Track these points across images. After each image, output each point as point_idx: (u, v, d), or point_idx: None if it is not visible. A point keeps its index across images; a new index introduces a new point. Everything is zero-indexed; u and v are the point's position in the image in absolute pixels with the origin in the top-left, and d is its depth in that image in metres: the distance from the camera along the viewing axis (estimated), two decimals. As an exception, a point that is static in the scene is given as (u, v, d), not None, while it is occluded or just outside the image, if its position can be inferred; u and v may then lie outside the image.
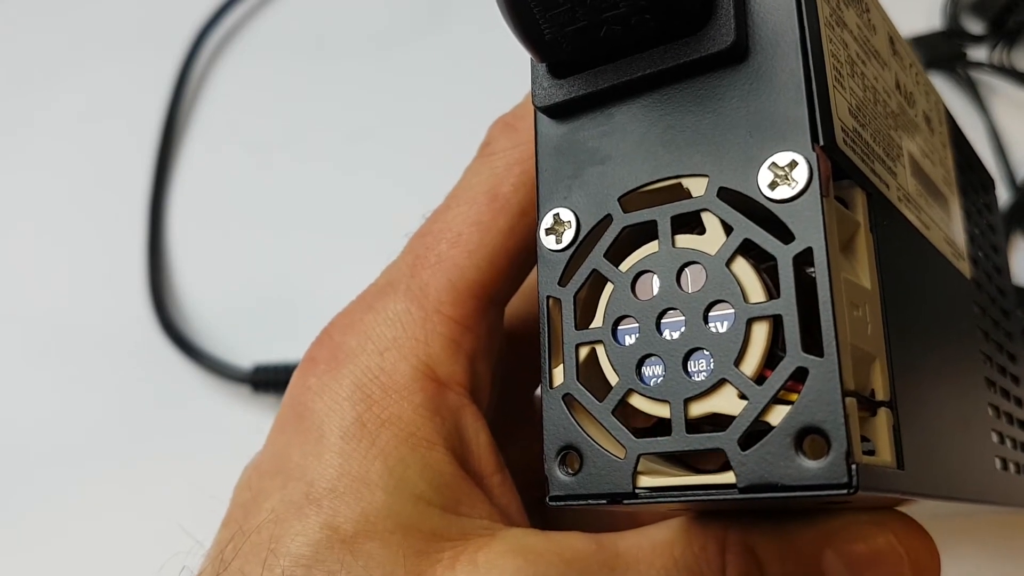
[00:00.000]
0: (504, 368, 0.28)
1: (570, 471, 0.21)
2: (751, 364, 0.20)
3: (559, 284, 0.23)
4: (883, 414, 0.20)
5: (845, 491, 0.18)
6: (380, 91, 0.58)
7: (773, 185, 0.20)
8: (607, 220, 0.22)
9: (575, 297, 0.22)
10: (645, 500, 0.21)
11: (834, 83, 0.21)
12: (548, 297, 0.23)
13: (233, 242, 0.55)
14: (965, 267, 0.29)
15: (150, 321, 0.53)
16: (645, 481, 0.21)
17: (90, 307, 0.54)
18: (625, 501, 0.21)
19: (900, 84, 0.26)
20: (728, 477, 0.20)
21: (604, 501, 0.21)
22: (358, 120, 0.56)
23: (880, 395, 0.21)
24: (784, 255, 0.20)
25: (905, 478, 0.20)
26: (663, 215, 0.22)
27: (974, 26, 0.61)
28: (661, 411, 0.21)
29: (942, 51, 0.59)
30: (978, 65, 0.60)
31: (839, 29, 0.22)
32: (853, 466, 0.18)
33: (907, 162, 0.25)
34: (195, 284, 0.55)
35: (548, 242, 0.23)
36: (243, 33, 0.63)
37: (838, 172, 0.21)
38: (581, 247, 0.23)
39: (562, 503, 0.21)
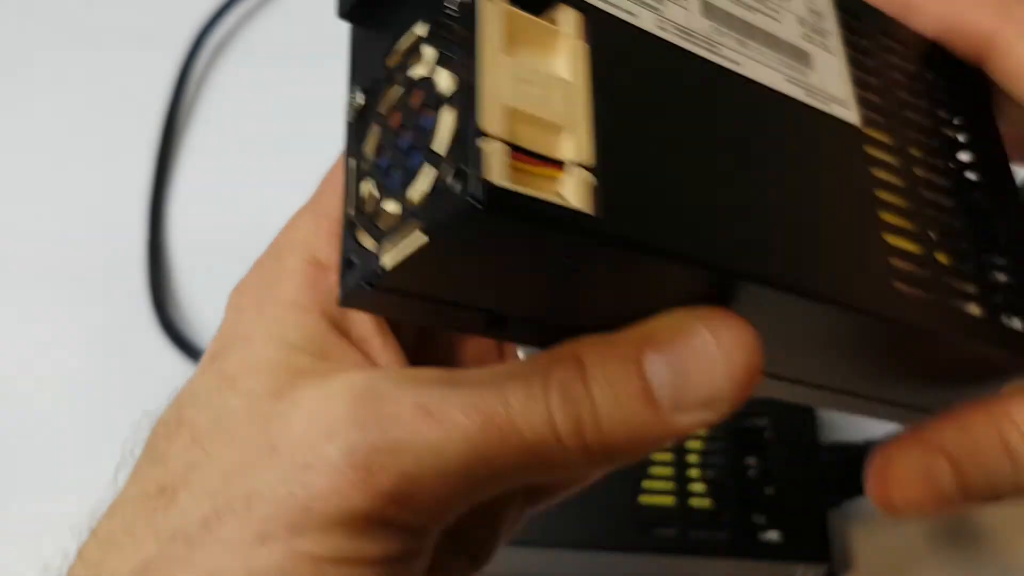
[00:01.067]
0: None
1: (348, 275, 0.23)
2: (441, 142, 0.20)
3: (354, 143, 0.24)
4: (577, 173, 0.20)
5: (477, 207, 0.18)
6: None
7: None
8: (378, 85, 0.24)
9: (361, 149, 0.24)
10: (392, 275, 0.21)
11: None
12: (347, 157, 0.24)
13: (234, 243, 0.56)
14: (847, 112, 0.27)
15: (150, 321, 0.53)
16: (388, 260, 0.21)
17: (91, 307, 0.55)
18: (377, 280, 0.21)
19: None
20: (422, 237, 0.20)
21: (367, 286, 0.22)
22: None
23: (571, 156, 0.20)
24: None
25: (611, 223, 0.20)
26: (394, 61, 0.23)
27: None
28: (397, 208, 0.21)
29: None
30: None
31: None
32: (482, 182, 0.18)
33: (697, 5, 0.25)
34: (195, 284, 0.55)
35: (350, 117, 0.25)
36: (244, 32, 0.65)
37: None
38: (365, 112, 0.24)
39: (347, 304, 0.23)
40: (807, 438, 0.41)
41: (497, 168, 0.19)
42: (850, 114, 0.27)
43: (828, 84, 0.27)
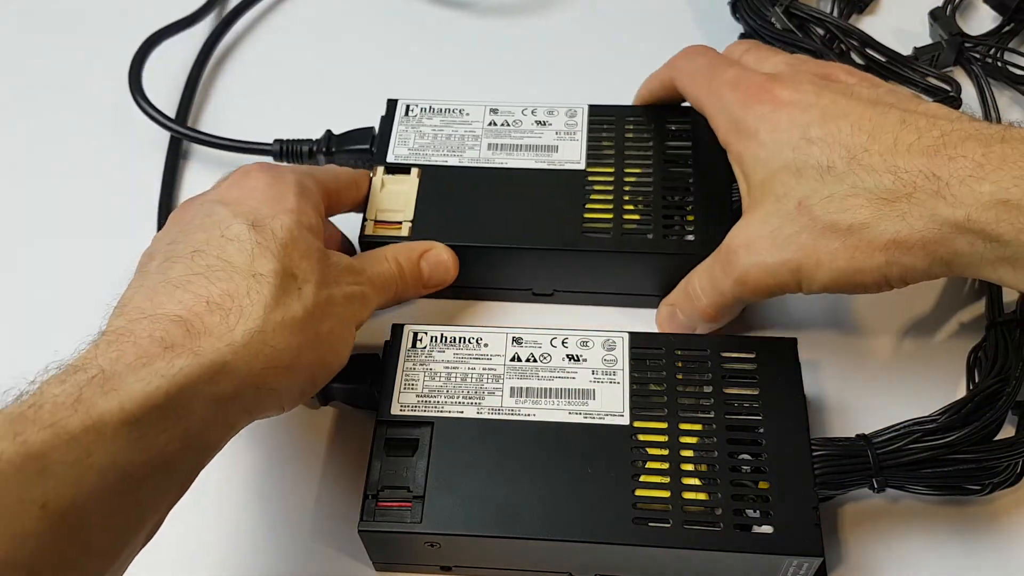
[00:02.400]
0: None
1: None
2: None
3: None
4: (406, 224, 0.51)
5: (361, 240, 0.50)
6: (376, 87, 0.61)
7: None
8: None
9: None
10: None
11: None
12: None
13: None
14: (578, 164, 0.52)
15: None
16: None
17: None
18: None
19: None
20: None
21: None
22: (357, 117, 0.58)
23: (404, 219, 0.51)
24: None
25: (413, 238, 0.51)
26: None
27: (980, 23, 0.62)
28: None
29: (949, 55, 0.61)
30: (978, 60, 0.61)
31: None
32: (360, 234, 0.51)
33: (483, 146, 0.53)
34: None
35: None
36: (255, 28, 0.69)
37: (399, 168, 0.52)
38: None
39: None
40: (798, 433, 0.42)
41: (368, 230, 0.51)
42: (579, 165, 0.52)
43: (566, 156, 0.53)
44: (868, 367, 0.50)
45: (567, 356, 0.46)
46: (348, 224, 0.53)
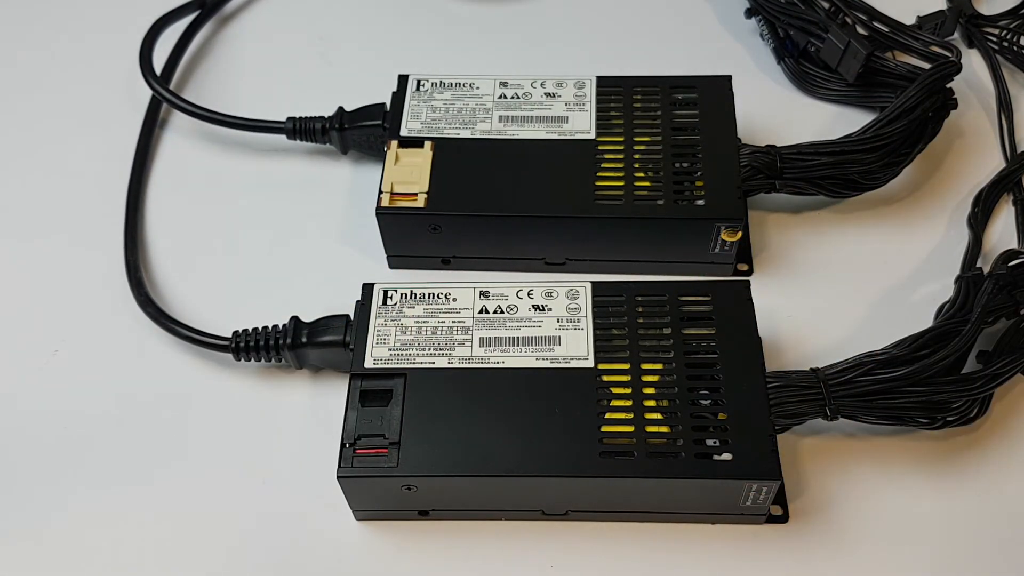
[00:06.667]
0: None
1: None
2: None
3: None
4: (421, 195, 0.52)
5: (378, 213, 0.52)
6: (365, 76, 0.63)
7: None
8: None
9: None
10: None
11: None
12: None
13: (203, 231, 0.58)
14: (588, 134, 0.54)
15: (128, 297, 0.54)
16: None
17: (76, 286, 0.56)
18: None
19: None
20: None
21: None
22: (337, 101, 0.60)
23: (419, 190, 0.52)
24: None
25: (429, 210, 0.52)
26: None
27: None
28: None
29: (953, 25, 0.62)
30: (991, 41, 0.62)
31: None
32: (376, 206, 0.52)
33: (494, 119, 0.55)
34: (171, 263, 0.57)
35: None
36: (259, 9, 0.71)
37: (412, 142, 0.54)
38: None
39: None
40: (754, 368, 0.44)
41: (384, 202, 0.52)
42: (589, 135, 0.54)
43: (576, 127, 0.55)
44: (844, 326, 0.52)
45: (533, 307, 0.47)
46: (364, 198, 0.57)
